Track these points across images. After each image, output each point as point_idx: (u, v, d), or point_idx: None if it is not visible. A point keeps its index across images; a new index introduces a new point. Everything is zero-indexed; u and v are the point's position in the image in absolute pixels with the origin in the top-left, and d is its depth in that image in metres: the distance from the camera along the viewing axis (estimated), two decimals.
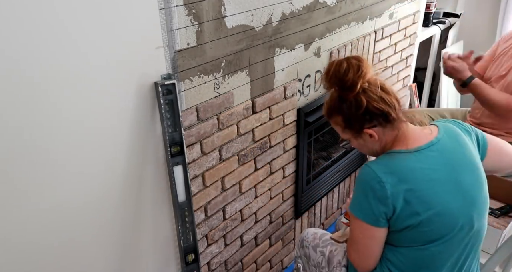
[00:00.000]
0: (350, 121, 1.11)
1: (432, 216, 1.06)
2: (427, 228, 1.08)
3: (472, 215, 1.11)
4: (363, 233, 1.13)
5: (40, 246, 1.06)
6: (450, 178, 1.09)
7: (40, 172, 1.00)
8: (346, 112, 1.10)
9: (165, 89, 1.16)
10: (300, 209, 1.96)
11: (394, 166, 1.08)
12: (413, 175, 1.06)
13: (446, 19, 2.96)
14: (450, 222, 1.09)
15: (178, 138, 1.23)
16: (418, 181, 1.06)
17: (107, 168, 1.13)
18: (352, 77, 1.05)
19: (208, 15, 1.21)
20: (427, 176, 1.07)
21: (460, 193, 1.09)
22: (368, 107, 1.07)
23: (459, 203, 1.09)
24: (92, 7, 0.96)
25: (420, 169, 1.07)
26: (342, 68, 1.06)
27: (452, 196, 1.08)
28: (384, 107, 1.06)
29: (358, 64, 1.06)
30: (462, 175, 1.11)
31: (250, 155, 1.58)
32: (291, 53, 1.56)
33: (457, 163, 1.11)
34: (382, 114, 1.07)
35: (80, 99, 1.01)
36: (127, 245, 1.28)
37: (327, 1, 1.63)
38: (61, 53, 0.94)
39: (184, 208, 1.33)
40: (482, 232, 1.16)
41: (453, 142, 1.13)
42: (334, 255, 1.37)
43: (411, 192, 1.05)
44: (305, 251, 1.47)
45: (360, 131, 1.11)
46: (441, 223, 1.08)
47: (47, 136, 0.98)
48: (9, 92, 0.89)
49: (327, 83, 1.11)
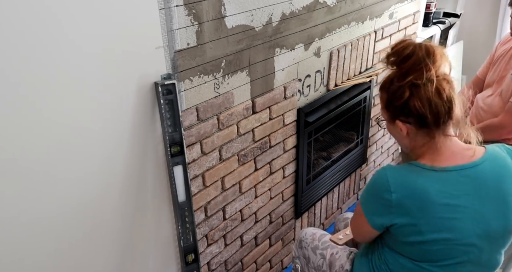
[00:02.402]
0: (390, 105, 1.07)
1: (437, 239, 1.02)
2: (428, 248, 1.04)
3: (482, 247, 1.04)
4: (363, 225, 1.14)
5: (40, 246, 1.06)
6: (472, 206, 1.01)
7: (39, 173, 1.00)
8: (390, 95, 1.06)
9: (165, 89, 1.16)
10: (300, 209, 1.96)
11: (408, 180, 1.02)
12: (425, 195, 1.00)
13: (446, 19, 2.96)
14: (454, 249, 1.03)
15: (178, 138, 1.23)
16: (429, 202, 1.00)
17: (107, 168, 1.13)
18: (410, 66, 1.00)
19: (208, 15, 1.21)
20: (442, 199, 1.00)
21: (478, 223, 1.02)
22: (408, 103, 1.01)
23: (470, 232, 1.02)
24: (92, 7, 0.96)
25: (436, 191, 1.00)
26: (406, 51, 1.01)
27: (466, 224, 1.01)
28: (425, 110, 0.99)
29: (424, 55, 0.99)
30: (487, 206, 1.02)
31: (250, 155, 1.58)
32: (291, 53, 1.56)
33: (488, 194, 1.03)
34: (418, 116, 1.01)
35: (80, 99, 1.01)
36: (127, 245, 1.28)
37: (327, 1, 1.63)
38: (61, 53, 0.94)
39: (184, 208, 1.33)
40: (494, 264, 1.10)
41: (494, 173, 1.04)
42: (336, 258, 1.35)
43: (417, 211, 1.01)
44: (303, 252, 1.46)
45: (394, 119, 1.07)
46: (444, 248, 1.03)
47: (47, 137, 0.98)
48: (7, 93, 0.89)
49: (386, 59, 1.06)
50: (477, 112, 2.08)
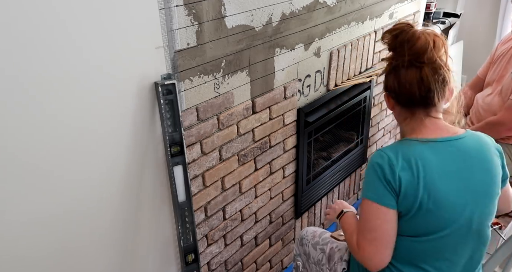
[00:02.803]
0: (388, 74, 1.12)
1: (432, 207, 1.04)
2: (424, 219, 1.06)
3: (472, 216, 1.08)
4: (380, 217, 1.07)
5: (39, 246, 1.06)
6: (461, 175, 1.07)
7: (39, 173, 1.00)
8: (393, 64, 1.10)
9: (165, 89, 1.16)
10: (300, 209, 1.96)
11: (405, 152, 1.07)
12: (423, 162, 1.05)
13: (446, 19, 2.96)
14: (449, 217, 1.06)
15: (178, 138, 1.23)
16: (426, 170, 1.04)
17: (107, 168, 1.13)
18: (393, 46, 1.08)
19: (208, 15, 1.21)
20: (437, 167, 1.05)
21: (467, 192, 1.07)
22: (388, 78, 1.10)
23: (462, 201, 1.07)
24: (92, 7, 0.96)
25: (431, 159, 1.05)
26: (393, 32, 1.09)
27: (458, 192, 1.06)
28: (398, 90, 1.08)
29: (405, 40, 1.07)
30: (475, 175, 1.08)
31: (250, 155, 1.58)
32: (291, 53, 1.56)
33: (473, 164, 1.09)
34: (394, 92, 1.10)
35: (79, 100, 1.01)
36: (127, 245, 1.28)
37: (327, 1, 1.63)
38: (60, 53, 0.94)
39: (184, 208, 1.33)
40: (483, 236, 1.13)
41: (477, 146, 1.11)
42: (335, 251, 1.36)
43: (418, 179, 1.04)
44: (304, 249, 1.47)
45: (384, 90, 1.14)
46: (440, 217, 1.06)
47: (47, 137, 0.98)
48: (7, 93, 0.89)
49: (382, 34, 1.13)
50: (476, 111, 2.09)
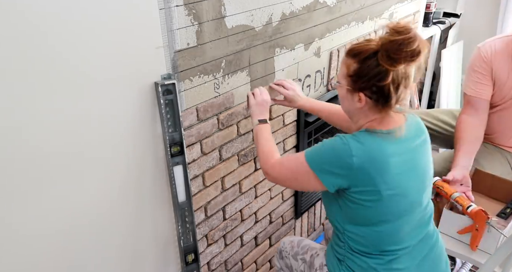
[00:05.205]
0: (360, 78, 1.06)
1: (392, 196, 1.09)
2: (384, 206, 1.10)
3: (422, 195, 1.17)
4: (307, 178, 1.13)
5: (40, 246, 1.06)
6: (412, 159, 1.13)
7: (39, 173, 1.00)
8: (365, 69, 1.04)
9: (165, 89, 1.16)
10: (300, 209, 1.96)
11: (370, 146, 1.07)
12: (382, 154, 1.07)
13: (446, 19, 2.96)
14: (406, 202, 1.12)
15: (178, 138, 1.23)
16: (386, 162, 1.07)
17: (107, 168, 1.13)
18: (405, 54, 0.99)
19: (208, 15, 1.21)
20: (395, 157, 1.08)
21: (416, 174, 1.14)
22: (385, 85, 1.03)
23: (414, 184, 1.14)
24: (92, 7, 0.96)
25: (390, 151, 1.08)
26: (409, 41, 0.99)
27: (410, 177, 1.12)
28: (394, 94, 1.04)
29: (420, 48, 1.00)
30: (420, 156, 1.16)
31: (250, 155, 1.58)
32: (291, 53, 1.56)
33: (415, 146, 1.15)
34: (385, 97, 1.05)
35: (79, 99, 1.01)
36: (127, 245, 1.28)
37: (327, 1, 1.63)
38: (60, 53, 0.94)
39: (184, 208, 1.33)
40: (430, 206, 1.23)
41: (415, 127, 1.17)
42: (315, 257, 1.35)
43: (376, 171, 1.06)
44: (285, 262, 1.46)
45: (358, 91, 1.08)
46: (399, 203, 1.11)
47: (47, 137, 0.98)
48: (6, 92, 0.89)
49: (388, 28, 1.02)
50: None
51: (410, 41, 0.99)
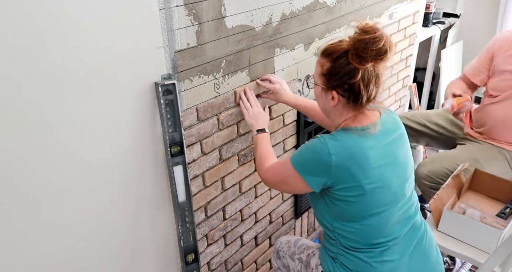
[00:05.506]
0: (332, 76, 1.11)
1: (374, 189, 1.11)
2: (368, 200, 1.13)
3: (404, 186, 1.19)
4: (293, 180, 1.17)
5: (40, 246, 1.06)
6: (390, 152, 1.16)
7: (39, 173, 1.00)
8: (337, 68, 1.10)
9: (165, 89, 1.16)
10: (300, 209, 1.96)
11: (347, 143, 1.11)
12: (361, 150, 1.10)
13: (446, 19, 2.96)
14: (389, 193, 1.15)
15: (178, 138, 1.23)
16: (365, 157, 1.10)
17: (107, 168, 1.14)
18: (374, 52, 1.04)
19: (208, 15, 1.21)
20: (373, 151, 1.11)
21: (396, 166, 1.17)
22: (355, 83, 1.08)
23: (395, 175, 1.16)
24: (92, 7, 0.96)
25: (368, 146, 1.11)
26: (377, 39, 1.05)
27: (390, 169, 1.15)
28: (365, 92, 1.09)
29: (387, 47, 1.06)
30: (398, 149, 1.19)
31: (250, 155, 1.58)
32: (291, 53, 1.57)
33: (392, 140, 1.17)
34: (356, 95, 1.09)
35: (79, 99, 1.01)
36: (127, 244, 1.28)
37: (327, 1, 1.63)
38: (60, 53, 0.94)
39: (184, 208, 1.33)
40: (414, 197, 1.26)
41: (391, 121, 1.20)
42: (312, 257, 1.36)
43: (356, 167, 1.09)
44: (283, 262, 1.46)
45: (331, 89, 1.13)
46: (382, 195, 1.14)
47: (46, 137, 0.98)
48: (6, 94, 0.89)
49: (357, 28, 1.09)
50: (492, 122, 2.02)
51: (377, 40, 1.05)
